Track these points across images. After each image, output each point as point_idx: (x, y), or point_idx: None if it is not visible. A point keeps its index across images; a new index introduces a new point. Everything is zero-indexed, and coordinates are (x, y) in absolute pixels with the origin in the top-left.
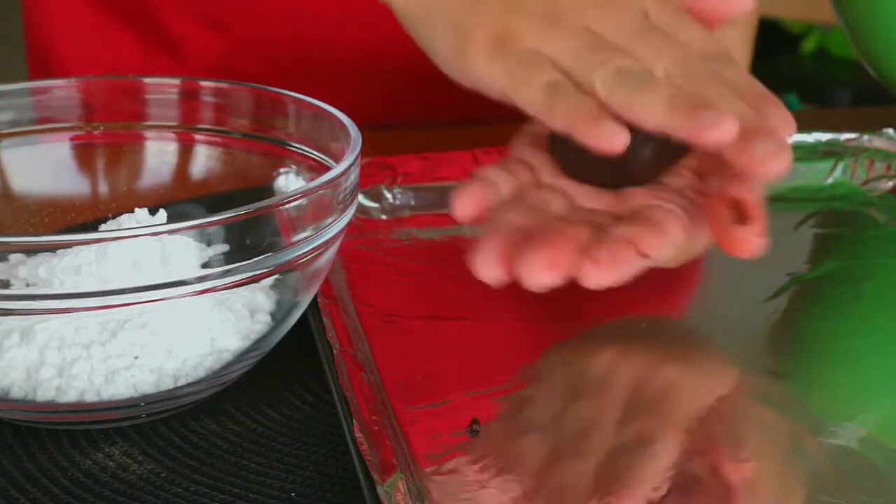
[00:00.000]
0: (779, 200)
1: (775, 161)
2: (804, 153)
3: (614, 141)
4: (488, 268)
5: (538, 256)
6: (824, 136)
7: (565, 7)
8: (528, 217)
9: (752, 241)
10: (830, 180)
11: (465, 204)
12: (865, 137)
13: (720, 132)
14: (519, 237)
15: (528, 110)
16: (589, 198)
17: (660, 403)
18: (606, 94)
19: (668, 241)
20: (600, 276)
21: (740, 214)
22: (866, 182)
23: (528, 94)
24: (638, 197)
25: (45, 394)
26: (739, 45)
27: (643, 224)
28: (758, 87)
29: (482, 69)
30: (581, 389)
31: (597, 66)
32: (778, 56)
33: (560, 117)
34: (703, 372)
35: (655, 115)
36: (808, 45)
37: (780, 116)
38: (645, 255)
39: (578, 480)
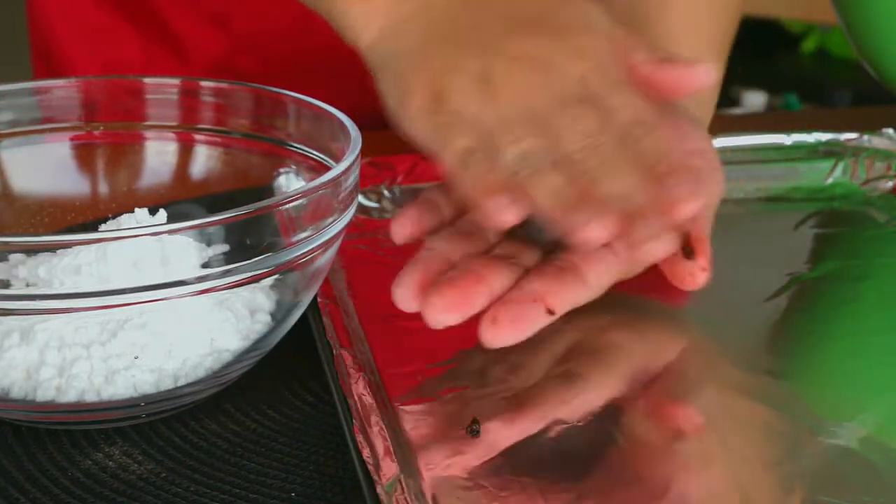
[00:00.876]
0: (779, 200)
1: (653, 247)
2: (804, 153)
3: (499, 218)
4: (405, 301)
5: (441, 297)
6: (824, 136)
7: (499, 70)
8: (457, 246)
9: (697, 275)
10: (830, 180)
11: (402, 225)
12: (865, 137)
13: (590, 234)
14: (436, 272)
15: (446, 170)
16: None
17: (658, 403)
18: (508, 176)
19: (582, 291)
20: (500, 337)
21: (686, 248)
22: (866, 182)
23: (445, 156)
24: None
25: (45, 394)
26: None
27: (558, 274)
28: (673, 155)
29: (412, 125)
30: (579, 388)
31: (507, 145)
32: (778, 56)
33: (464, 185)
34: (702, 372)
35: (541, 205)
36: (808, 45)
37: (682, 190)
38: (552, 313)
39: (579, 480)
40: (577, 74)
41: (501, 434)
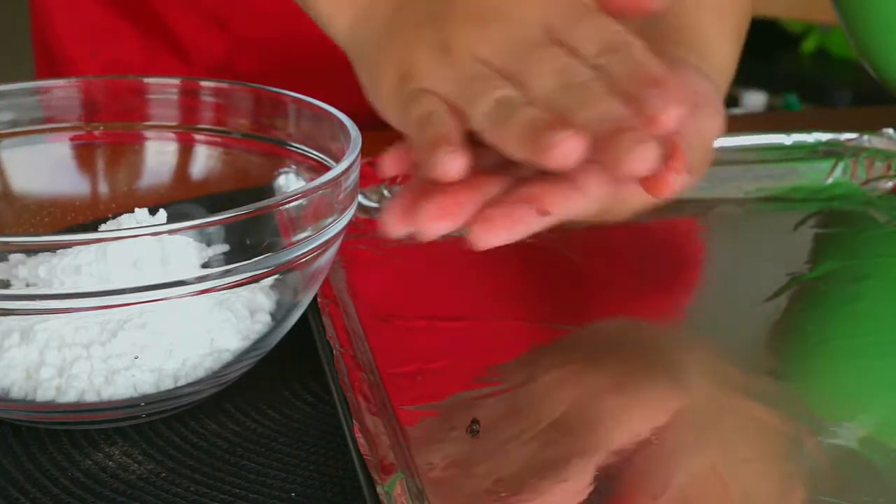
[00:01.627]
0: (779, 200)
1: (633, 158)
2: (804, 153)
3: (445, 168)
4: (391, 225)
5: (432, 204)
6: (824, 136)
7: (455, 34)
8: None
9: (669, 178)
10: (830, 180)
11: (389, 158)
12: (865, 137)
13: (560, 154)
14: (428, 187)
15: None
16: None
17: (658, 403)
18: (480, 130)
19: (577, 198)
20: (489, 235)
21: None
22: (866, 182)
23: (407, 128)
24: None
25: (45, 394)
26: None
27: (553, 181)
28: (649, 69)
29: (385, 108)
30: (581, 389)
31: (475, 100)
32: (778, 56)
33: (420, 148)
34: (702, 372)
35: (511, 146)
36: (808, 45)
37: (659, 101)
38: (545, 213)
39: (577, 479)
40: (533, 15)
41: (501, 434)
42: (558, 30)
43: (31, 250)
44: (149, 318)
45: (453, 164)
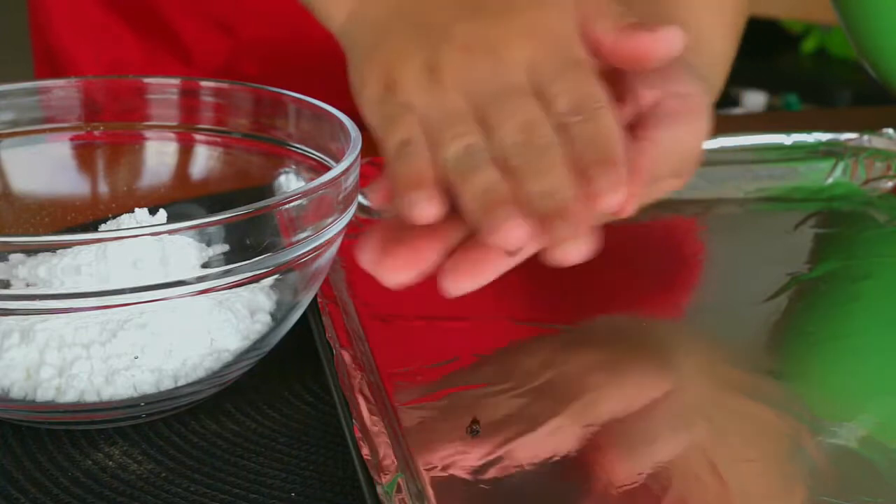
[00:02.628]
0: (779, 200)
1: (565, 250)
2: (804, 153)
3: (417, 213)
4: (371, 266)
5: (394, 258)
6: (824, 136)
7: (446, 59)
8: None
9: (626, 202)
10: (830, 180)
11: (375, 190)
12: (865, 137)
13: (506, 235)
14: (395, 229)
15: (385, 160)
16: None
17: (659, 403)
18: (445, 173)
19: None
20: (458, 283)
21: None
22: (866, 182)
23: (385, 147)
24: None
25: (45, 394)
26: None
27: None
28: (605, 144)
29: (366, 112)
30: (581, 389)
31: (447, 141)
32: (778, 56)
33: (395, 178)
34: (702, 372)
35: (464, 206)
36: (808, 45)
37: (605, 182)
38: (512, 254)
39: (577, 479)
40: (523, 59)
41: (501, 434)
42: (541, 78)
43: (31, 250)
44: (149, 318)
45: (426, 211)
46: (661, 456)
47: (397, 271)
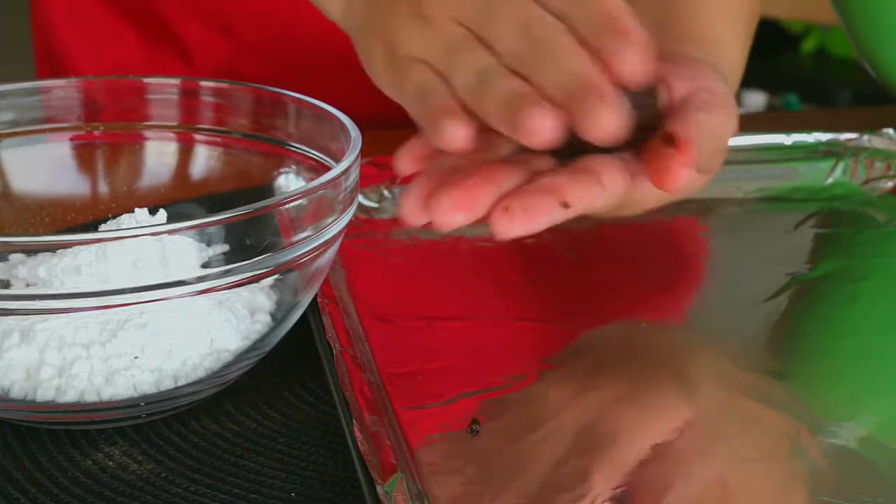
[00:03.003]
0: (779, 200)
1: (599, 119)
2: (804, 153)
3: (454, 139)
4: (413, 211)
5: (449, 197)
6: (824, 136)
7: (427, 2)
8: (466, 159)
9: (676, 170)
10: (830, 180)
11: (404, 155)
12: (865, 137)
13: (535, 133)
14: (446, 178)
15: (411, 114)
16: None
17: (659, 403)
18: (465, 101)
19: (598, 192)
20: (511, 226)
21: (666, 135)
22: (866, 182)
23: (404, 100)
24: None
25: (45, 394)
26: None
27: (573, 173)
28: (612, 16)
29: (380, 81)
30: (580, 389)
31: (454, 71)
32: (778, 56)
33: (422, 119)
34: (702, 372)
35: (492, 123)
36: (808, 45)
37: (628, 52)
38: (566, 206)
39: (577, 479)
40: None
41: (501, 434)
42: None
43: (31, 250)
44: (149, 318)
45: (457, 132)
46: (661, 456)
47: (452, 212)
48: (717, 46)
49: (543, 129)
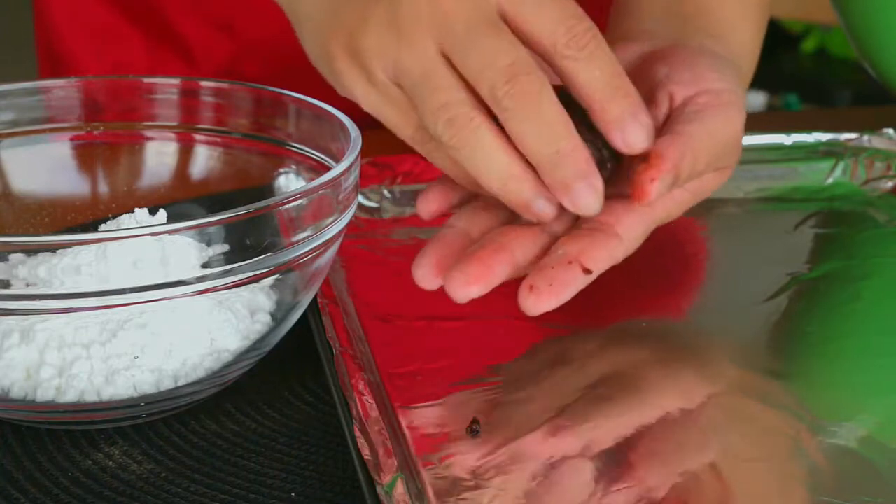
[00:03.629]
0: (779, 200)
1: (577, 198)
2: (804, 153)
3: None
4: (426, 279)
5: (462, 272)
6: (824, 136)
7: (405, 12)
8: (478, 219)
9: (645, 184)
10: (830, 180)
11: (428, 201)
12: (865, 137)
13: (539, 214)
14: (455, 248)
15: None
16: None
17: (658, 403)
18: (441, 144)
19: (616, 245)
20: (539, 304)
21: (642, 156)
22: (866, 182)
23: (397, 131)
24: None
25: (45, 394)
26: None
27: (590, 234)
28: (609, 77)
29: (345, 89)
30: (580, 390)
31: (431, 114)
32: (778, 56)
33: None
34: (702, 372)
35: (487, 181)
36: (808, 45)
37: (621, 110)
38: (589, 272)
39: (576, 480)
40: (491, 4)
41: (501, 434)
42: (518, 8)
43: (31, 250)
44: (149, 318)
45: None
46: (661, 456)
47: (467, 286)
48: (727, 28)
49: (544, 214)
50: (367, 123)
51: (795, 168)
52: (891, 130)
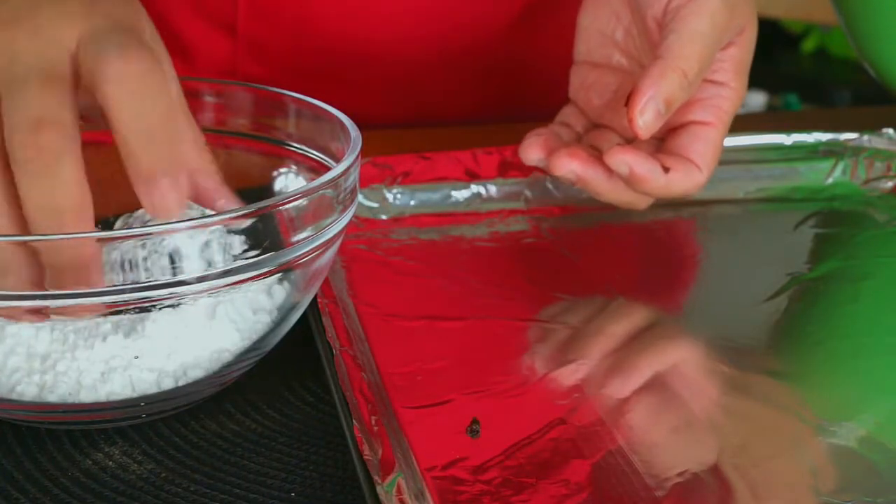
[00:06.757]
0: (779, 200)
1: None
2: (804, 153)
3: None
4: (530, 148)
5: (568, 150)
6: (824, 136)
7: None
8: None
9: (634, 123)
10: (830, 180)
11: (531, 144)
12: (865, 137)
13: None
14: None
15: None
16: None
17: (658, 403)
18: None
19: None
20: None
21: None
22: (866, 182)
23: None
24: None
25: (45, 393)
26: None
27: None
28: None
29: None
30: (580, 390)
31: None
32: (778, 56)
33: None
34: (701, 372)
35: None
36: (808, 45)
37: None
38: (667, 170)
39: (579, 478)
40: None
41: (501, 434)
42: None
43: None
44: (149, 317)
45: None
46: (661, 457)
47: (571, 160)
48: None
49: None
50: (368, 123)
51: (795, 168)
52: (891, 130)
